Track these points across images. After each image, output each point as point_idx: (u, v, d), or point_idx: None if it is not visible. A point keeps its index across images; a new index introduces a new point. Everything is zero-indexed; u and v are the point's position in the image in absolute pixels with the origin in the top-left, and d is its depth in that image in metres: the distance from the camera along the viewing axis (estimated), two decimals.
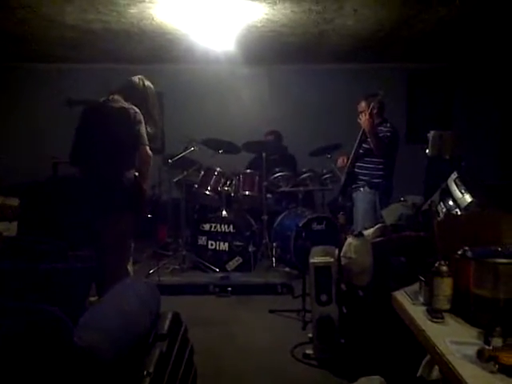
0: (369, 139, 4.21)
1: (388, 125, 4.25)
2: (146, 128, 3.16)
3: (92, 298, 2.97)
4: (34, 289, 1.96)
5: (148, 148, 3.12)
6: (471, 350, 1.41)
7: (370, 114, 4.16)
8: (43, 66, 6.33)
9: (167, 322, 2.01)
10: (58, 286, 2.04)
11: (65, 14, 4.17)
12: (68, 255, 3.45)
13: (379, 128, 4.23)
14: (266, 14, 4.21)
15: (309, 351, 3.04)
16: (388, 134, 4.18)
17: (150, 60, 6.07)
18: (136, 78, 3.30)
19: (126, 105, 3.12)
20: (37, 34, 4.90)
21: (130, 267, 3.21)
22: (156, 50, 5.55)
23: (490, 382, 1.29)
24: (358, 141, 4.32)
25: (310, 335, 3.10)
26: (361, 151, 4.30)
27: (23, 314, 1.34)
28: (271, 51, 5.64)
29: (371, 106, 4.19)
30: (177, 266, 4.76)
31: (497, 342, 1.42)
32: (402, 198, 3.82)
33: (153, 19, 4.34)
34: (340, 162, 4.54)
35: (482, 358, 1.34)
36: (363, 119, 4.16)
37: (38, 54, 5.88)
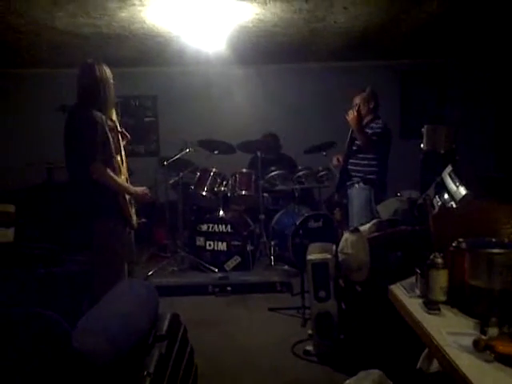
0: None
1: (379, 121, 4.25)
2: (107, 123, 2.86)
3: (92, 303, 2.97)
4: (32, 293, 1.96)
5: (96, 163, 2.74)
6: (467, 341, 1.42)
7: (358, 111, 4.16)
8: (35, 71, 6.32)
9: (166, 323, 2.02)
10: (54, 290, 2.04)
11: (55, 18, 4.16)
12: (65, 259, 3.46)
13: (370, 125, 4.23)
14: (257, 14, 4.22)
15: (309, 348, 3.06)
16: (378, 130, 4.18)
17: (143, 63, 6.06)
18: (79, 67, 2.96)
19: (82, 111, 2.85)
20: (27, 40, 4.89)
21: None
22: (148, 53, 5.54)
23: (486, 370, 1.30)
24: (348, 138, 4.33)
25: (310, 332, 3.12)
26: (354, 148, 4.30)
27: (20, 318, 1.34)
28: (263, 51, 5.65)
29: (357, 103, 4.21)
30: (175, 268, 4.76)
31: (493, 331, 1.43)
32: (398, 193, 3.83)
33: (144, 22, 4.34)
34: (335, 161, 4.53)
35: (478, 347, 1.36)
36: (350, 116, 4.17)
37: (30, 60, 5.87)
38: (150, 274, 4.55)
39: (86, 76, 2.89)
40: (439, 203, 2.83)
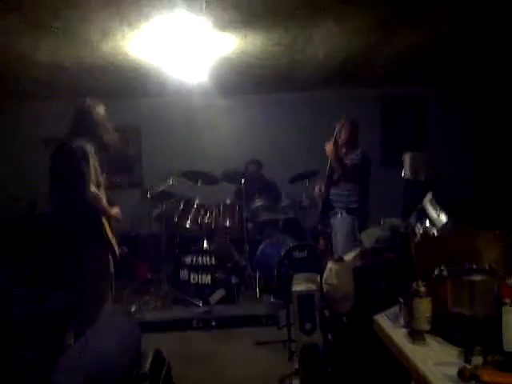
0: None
1: (358, 151, 4.30)
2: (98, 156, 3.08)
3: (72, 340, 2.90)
4: (10, 332, 1.90)
5: (90, 186, 2.94)
6: (453, 370, 1.40)
7: (334, 142, 4.21)
8: (17, 104, 6.30)
9: (149, 361, 1.97)
10: (35, 327, 1.99)
11: (37, 51, 4.18)
12: (45, 296, 3.38)
13: (349, 156, 4.29)
14: (238, 46, 4.30)
15: (295, 382, 2.99)
16: (355, 162, 4.24)
17: (126, 94, 6.10)
18: (78, 106, 3.20)
19: (73, 142, 3.04)
20: (9, 73, 4.88)
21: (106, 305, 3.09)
22: (131, 85, 5.58)
23: None
24: (328, 168, 4.37)
25: (296, 366, 3.06)
26: (334, 178, 4.34)
27: None
28: (245, 82, 5.74)
29: (334, 134, 4.26)
30: (158, 303, 4.67)
31: (477, 360, 1.42)
32: (381, 221, 3.85)
33: (126, 54, 4.38)
34: (316, 190, 4.56)
35: (463, 377, 1.34)
36: (328, 148, 4.22)
37: (11, 93, 5.85)
38: (132, 310, 4.45)
39: (83, 116, 3.15)
40: (421, 230, 2.84)
